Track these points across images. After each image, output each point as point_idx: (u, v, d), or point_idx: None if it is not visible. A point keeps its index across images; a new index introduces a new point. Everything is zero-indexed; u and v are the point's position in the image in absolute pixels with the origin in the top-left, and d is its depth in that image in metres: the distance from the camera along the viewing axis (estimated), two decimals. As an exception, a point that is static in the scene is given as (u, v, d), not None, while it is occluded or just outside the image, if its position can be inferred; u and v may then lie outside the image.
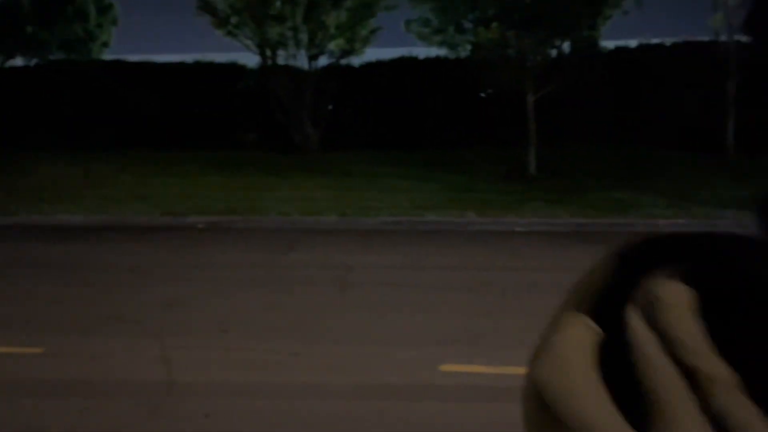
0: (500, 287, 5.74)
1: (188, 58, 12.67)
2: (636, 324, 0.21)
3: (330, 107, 11.69)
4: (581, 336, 0.23)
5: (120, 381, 4.17)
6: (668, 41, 11.25)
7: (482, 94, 11.28)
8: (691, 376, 0.20)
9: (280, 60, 11.79)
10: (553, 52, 10.50)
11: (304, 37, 11.54)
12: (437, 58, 12.09)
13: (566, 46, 10.54)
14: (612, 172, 9.87)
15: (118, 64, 12.91)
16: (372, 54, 12.19)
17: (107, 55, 14.57)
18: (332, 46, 11.79)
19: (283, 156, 11.25)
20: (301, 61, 11.73)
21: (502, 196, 8.94)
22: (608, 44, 11.46)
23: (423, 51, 12.32)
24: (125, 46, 15.64)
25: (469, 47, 11.35)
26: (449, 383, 4.13)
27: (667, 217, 8.03)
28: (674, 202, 8.48)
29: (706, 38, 10.82)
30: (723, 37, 10.29)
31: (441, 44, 12.04)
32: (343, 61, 11.92)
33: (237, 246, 7.50)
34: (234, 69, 12.36)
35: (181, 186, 9.91)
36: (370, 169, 10.42)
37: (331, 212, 8.61)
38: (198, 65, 12.55)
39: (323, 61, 11.84)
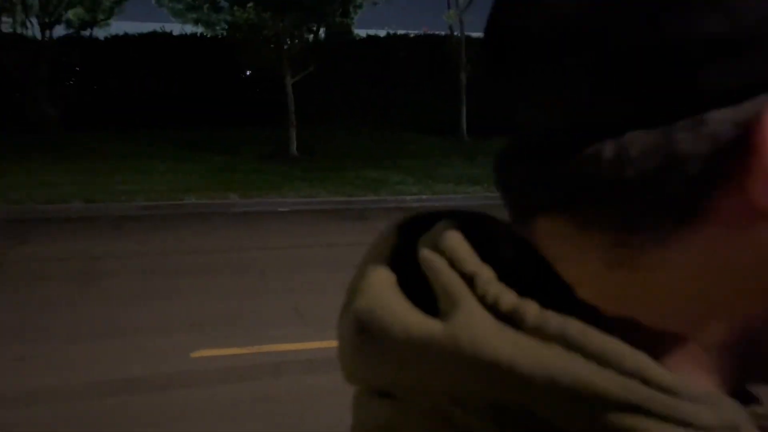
0: (259, 268, 5.76)
1: None
2: (427, 252, 0.29)
3: (71, 82, 10.54)
4: (385, 273, 0.30)
5: None
6: (412, 33, 12.22)
7: (245, 75, 11.12)
8: (469, 279, 0.28)
9: (5, 27, 10.28)
10: (310, 37, 10.75)
11: (34, 2, 10.20)
12: (193, 36, 11.59)
13: (322, 32, 10.86)
14: (366, 152, 10.51)
15: None
16: (122, 27, 11.24)
17: None
18: (70, 15, 10.61)
19: (17, 136, 9.88)
20: (34, 31, 10.37)
21: (265, 177, 8.97)
22: (361, 32, 12.08)
23: (179, 27, 11.72)
24: None
25: (225, 26, 11.09)
26: (200, 368, 4.04)
27: (414, 193, 8.82)
28: (419, 180, 9.35)
29: (443, 32, 11.99)
30: (456, 32, 11.50)
31: (196, 22, 11.57)
32: (85, 33, 10.81)
33: (-49, 242, 6.43)
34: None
35: None
36: (121, 151, 9.65)
37: (75, 198, 7.82)
38: None
39: (60, 31, 10.61)
